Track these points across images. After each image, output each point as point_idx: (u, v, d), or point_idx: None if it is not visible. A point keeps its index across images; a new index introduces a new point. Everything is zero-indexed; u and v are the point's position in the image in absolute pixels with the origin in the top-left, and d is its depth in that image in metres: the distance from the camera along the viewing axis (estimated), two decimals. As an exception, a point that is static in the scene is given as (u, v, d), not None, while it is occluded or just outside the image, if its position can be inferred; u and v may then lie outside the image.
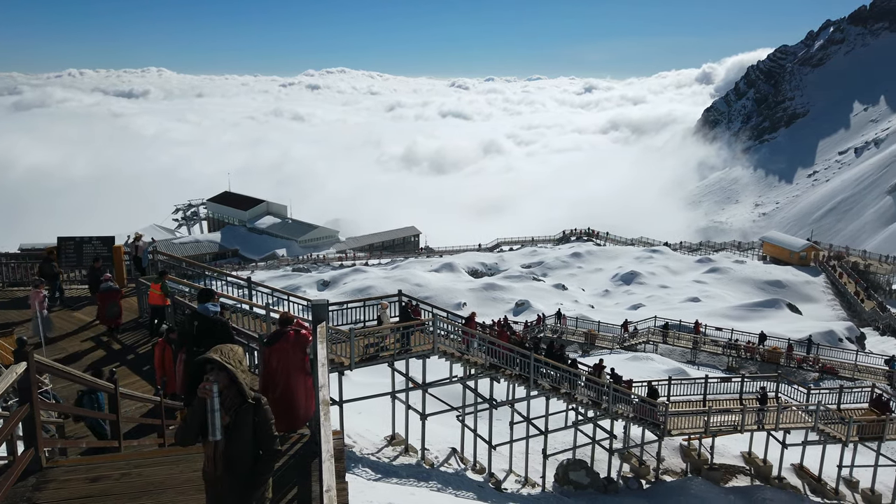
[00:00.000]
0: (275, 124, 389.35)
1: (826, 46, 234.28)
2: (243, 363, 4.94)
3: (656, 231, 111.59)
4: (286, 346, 6.63)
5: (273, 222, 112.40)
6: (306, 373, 6.71)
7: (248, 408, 4.75)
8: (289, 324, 6.99)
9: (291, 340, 6.69)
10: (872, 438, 25.06)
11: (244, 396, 4.76)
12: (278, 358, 6.58)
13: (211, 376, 4.66)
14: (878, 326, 55.80)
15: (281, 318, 7.27)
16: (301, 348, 6.71)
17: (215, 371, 4.69)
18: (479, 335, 21.17)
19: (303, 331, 6.86)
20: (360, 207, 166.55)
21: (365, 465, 18.36)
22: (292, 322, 7.04)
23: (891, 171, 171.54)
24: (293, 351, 6.64)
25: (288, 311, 17.77)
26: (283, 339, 6.69)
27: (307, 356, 6.73)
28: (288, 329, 6.86)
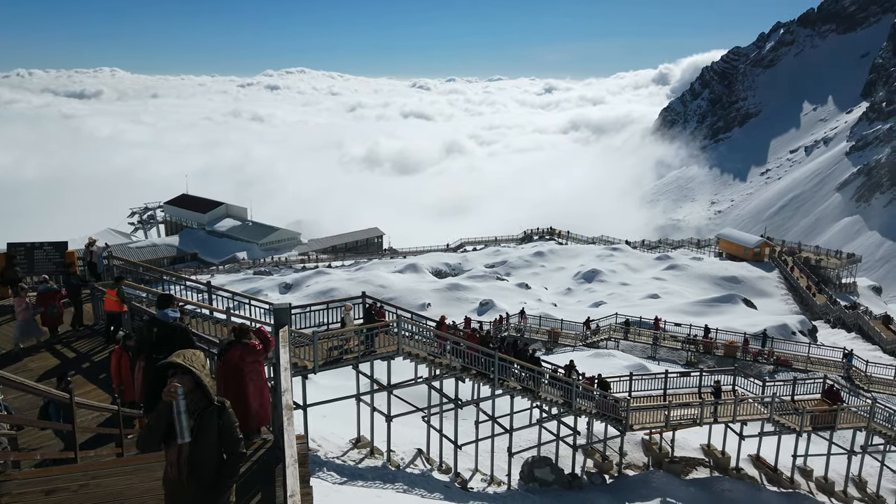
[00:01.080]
0: (234, 125, 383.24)
1: (777, 48, 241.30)
2: (206, 367, 4.88)
3: (616, 229, 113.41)
4: (235, 357, 6.63)
5: (233, 225, 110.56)
6: (258, 380, 6.72)
7: (213, 410, 4.71)
8: (244, 336, 6.98)
9: (240, 351, 6.70)
10: (825, 428, 25.90)
11: (209, 399, 4.72)
12: (229, 368, 6.56)
13: (175, 379, 4.61)
14: (829, 319, 57.72)
15: (235, 330, 7.25)
16: (252, 358, 6.71)
17: (179, 374, 4.65)
18: (451, 338, 21.22)
19: (252, 342, 6.86)
20: (323, 209, 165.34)
21: (330, 468, 18.23)
22: (247, 334, 7.02)
23: (839, 168, 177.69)
24: (243, 360, 6.63)
25: (249, 315, 17.56)
26: (232, 350, 6.69)
27: (261, 364, 6.74)
28: (240, 341, 6.85)
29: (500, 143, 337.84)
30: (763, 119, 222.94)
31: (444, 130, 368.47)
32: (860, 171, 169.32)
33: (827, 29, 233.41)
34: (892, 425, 26.40)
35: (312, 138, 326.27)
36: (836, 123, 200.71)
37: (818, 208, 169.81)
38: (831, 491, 26.32)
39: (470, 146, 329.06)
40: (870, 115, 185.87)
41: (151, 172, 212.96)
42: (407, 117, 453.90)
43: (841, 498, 26.15)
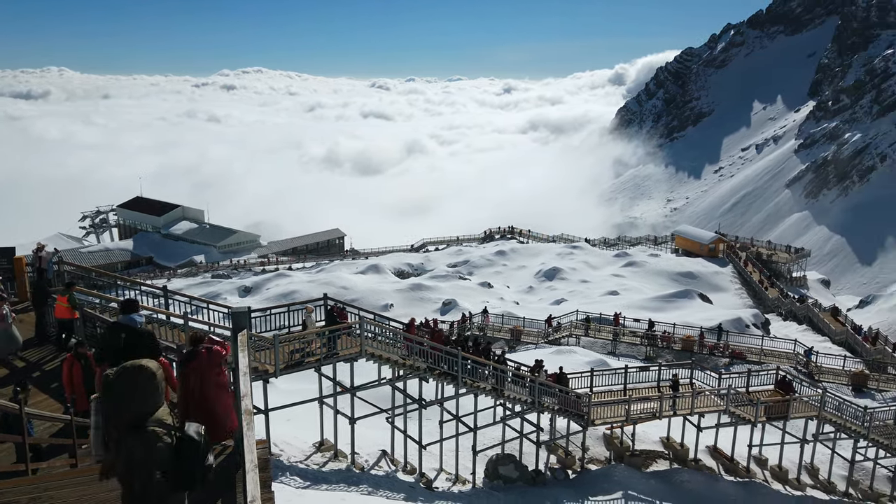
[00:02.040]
0: (189, 126, 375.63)
1: (728, 49, 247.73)
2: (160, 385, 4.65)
3: (576, 228, 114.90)
4: (200, 365, 6.52)
5: (189, 228, 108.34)
6: (224, 387, 6.62)
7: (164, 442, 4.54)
8: (200, 342, 6.86)
9: (205, 359, 6.58)
10: (778, 418, 26.69)
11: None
12: (194, 377, 6.46)
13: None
14: (780, 312, 59.51)
15: (191, 338, 7.13)
16: (215, 364, 6.62)
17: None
18: (415, 338, 21.20)
19: (215, 347, 6.76)
20: (283, 210, 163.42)
21: (293, 473, 18.03)
22: (203, 340, 6.92)
23: (788, 165, 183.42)
24: (208, 368, 6.54)
25: (208, 319, 17.25)
26: (197, 359, 6.58)
27: (223, 370, 6.64)
28: (200, 348, 6.74)
29: (461, 143, 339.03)
30: (716, 118, 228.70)
31: (404, 130, 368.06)
32: (808, 167, 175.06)
33: (775, 30, 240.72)
34: (841, 414, 27.35)
35: (271, 139, 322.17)
36: (784, 122, 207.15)
37: (769, 204, 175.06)
38: (785, 479, 27.15)
39: (431, 146, 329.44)
40: (816, 114, 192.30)
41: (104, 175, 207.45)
42: (367, 117, 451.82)
43: (795, 485, 26.99)
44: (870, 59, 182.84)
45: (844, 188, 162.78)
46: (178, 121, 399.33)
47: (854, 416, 27.35)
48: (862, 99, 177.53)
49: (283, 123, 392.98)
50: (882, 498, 27.62)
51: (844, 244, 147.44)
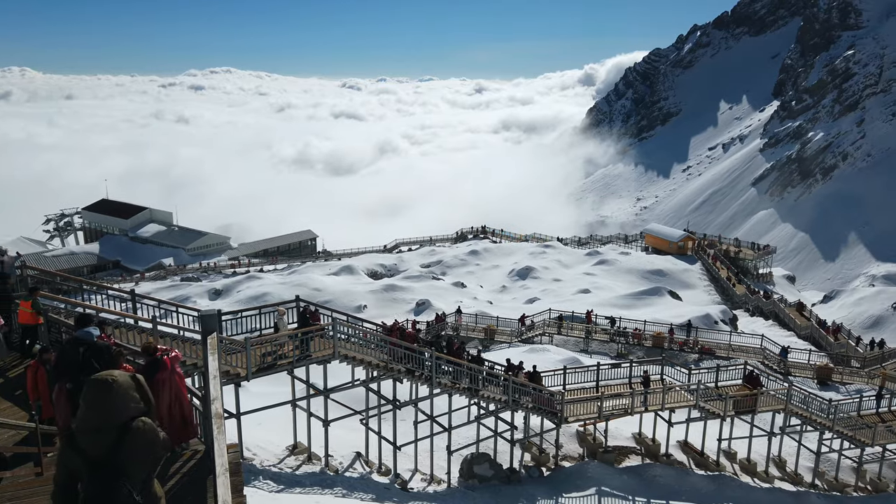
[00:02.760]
0: (157, 127, 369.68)
1: (694, 50, 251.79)
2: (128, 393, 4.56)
3: (548, 227, 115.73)
4: (166, 375, 6.48)
5: (158, 230, 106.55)
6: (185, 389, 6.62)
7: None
8: (156, 350, 6.80)
9: (169, 366, 6.54)
10: (746, 412, 27.21)
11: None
12: (167, 385, 6.41)
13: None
14: (748, 308, 60.67)
15: (145, 348, 7.05)
16: (177, 369, 6.59)
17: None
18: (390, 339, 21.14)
19: (174, 352, 6.73)
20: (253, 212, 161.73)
21: (266, 477, 17.85)
22: (155, 350, 6.84)
23: (754, 164, 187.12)
24: (172, 374, 6.50)
25: (177, 323, 16.98)
26: (162, 369, 6.52)
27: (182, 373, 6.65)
28: (162, 356, 6.68)
29: (433, 144, 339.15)
30: (683, 118, 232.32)
31: (376, 131, 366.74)
32: (773, 166, 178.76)
33: (740, 31, 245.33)
34: (807, 407, 27.99)
35: (241, 140, 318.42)
36: (750, 121, 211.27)
37: (736, 203, 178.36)
38: (754, 471, 27.69)
39: (403, 146, 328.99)
40: (780, 114, 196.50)
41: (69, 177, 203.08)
42: (338, 118, 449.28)
43: (763, 477, 27.54)
44: (831, 59, 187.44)
45: (808, 186, 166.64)
46: (145, 122, 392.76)
47: (819, 408, 28.00)
48: (824, 99, 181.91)
49: (253, 124, 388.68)
50: (847, 488, 28.33)
51: (808, 241, 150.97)
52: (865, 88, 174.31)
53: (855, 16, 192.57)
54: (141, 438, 4.31)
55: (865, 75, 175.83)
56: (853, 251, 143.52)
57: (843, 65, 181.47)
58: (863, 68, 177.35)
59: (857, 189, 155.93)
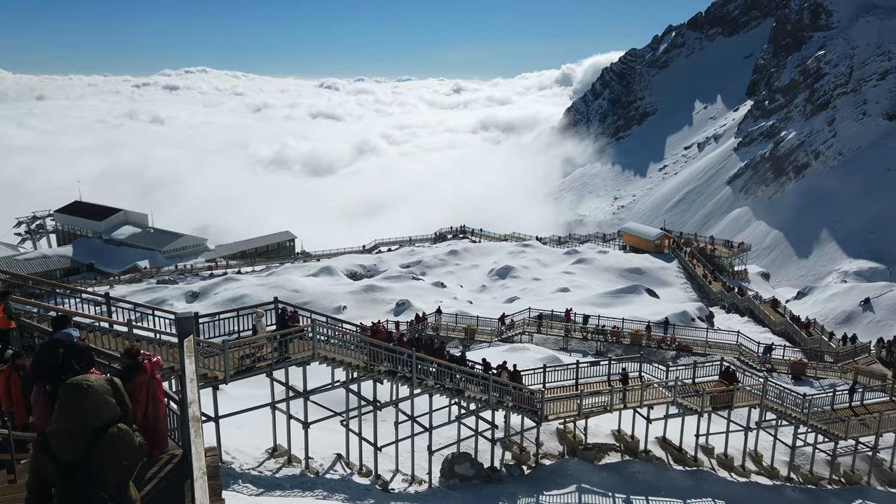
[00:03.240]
0: (131, 128, 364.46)
1: (669, 50, 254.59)
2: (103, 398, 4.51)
3: (526, 226, 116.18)
4: (145, 379, 6.41)
5: (133, 232, 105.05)
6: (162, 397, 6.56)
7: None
8: (138, 355, 6.72)
9: (149, 371, 6.48)
10: (723, 407, 27.57)
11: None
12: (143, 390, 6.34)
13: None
14: (724, 305, 61.47)
15: (127, 352, 6.97)
16: (156, 375, 6.54)
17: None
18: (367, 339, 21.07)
19: (155, 358, 6.67)
20: (230, 213, 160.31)
21: (246, 480, 17.70)
22: (140, 353, 6.78)
23: (729, 163, 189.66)
24: (151, 379, 6.44)
25: (153, 326, 16.78)
26: (142, 373, 6.45)
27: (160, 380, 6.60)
28: (143, 360, 6.61)
29: (412, 144, 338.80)
30: (659, 117, 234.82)
31: (354, 131, 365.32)
32: (747, 165, 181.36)
33: (714, 32, 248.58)
34: (782, 402, 28.43)
35: (217, 140, 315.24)
36: (724, 121, 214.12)
37: (711, 201, 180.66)
38: (731, 466, 28.07)
39: (382, 146, 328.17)
40: (754, 113, 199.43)
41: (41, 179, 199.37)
42: (316, 118, 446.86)
43: (740, 472, 27.93)
44: (803, 59, 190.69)
45: (781, 184, 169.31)
46: (119, 122, 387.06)
47: (794, 403, 28.45)
48: (796, 98, 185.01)
49: (229, 124, 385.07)
50: (821, 481, 28.83)
51: (782, 238, 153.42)
52: (836, 88, 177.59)
53: (826, 17, 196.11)
54: (116, 443, 4.27)
55: (836, 75, 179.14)
56: (825, 248, 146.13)
57: (814, 65, 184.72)
58: (833, 68, 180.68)
59: (828, 187, 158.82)
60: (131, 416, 4.73)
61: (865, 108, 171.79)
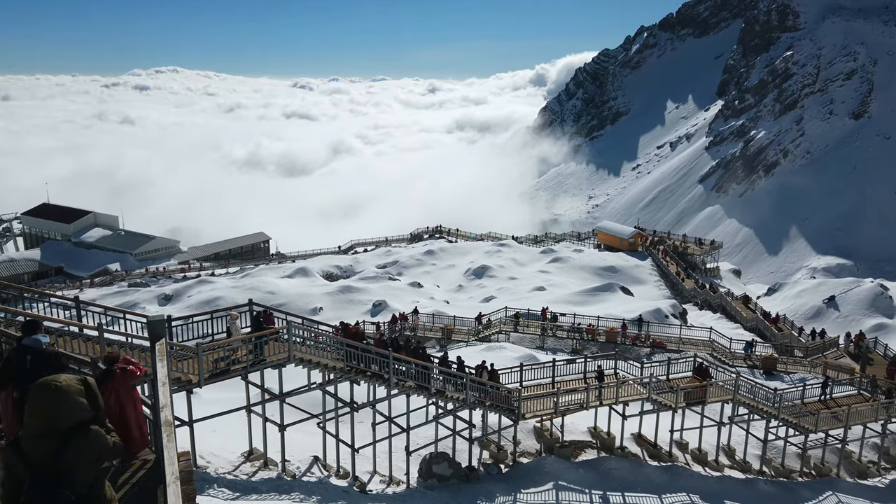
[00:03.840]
0: (100, 128, 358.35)
1: (641, 50, 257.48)
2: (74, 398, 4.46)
3: (502, 225, 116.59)
4: (116, 385, 6.34)
5: (103, 235, 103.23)
6: (136, 403, 6.48)
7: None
8: (115, 362, 6.64)
9: (120, 378, 6.40)
10: (697, 403, 27.95)
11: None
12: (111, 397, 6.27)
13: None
14: (696, 302, 62.36)
15: (106, 357, 6.89)
16: (129, 384, 6.46)
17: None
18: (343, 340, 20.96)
19: (130, 367, 6.58)
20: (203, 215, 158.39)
21: (221, 484, 17.49)
22: (118, 360, 6.70)
23: (700, 162, 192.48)
24: (122, 387, 6.37)
25: (125, 330, 16.51)
26: (112, 380, 6.39)
27: (136, 388, 6.50)
28: (115, 368, 6.53)
29: (387, 144, 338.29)
30: (632, 117, 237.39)
31: (329, 131, 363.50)
32: (718, 164, 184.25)
33: (685, 33, 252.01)
34: (754, 396, 28.92)
35: (189, 141, 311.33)
36: (695, 120, 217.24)
37: (683, 200, 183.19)
38: (705, 461, 28.48)
39: (357, 146, 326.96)
40: (724, 113, 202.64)
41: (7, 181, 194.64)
42: (290, 118, 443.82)
43: (714, 466, 28.36)
44: (772, 60, 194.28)
45: (752, 183, 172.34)
46: (88, 123, 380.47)
47: (766, 398, 28.96)
48: (765, 98, 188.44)
49: (202, 124, 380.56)
50: (793, 474, 29.40)
51: (753, 236, 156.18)
52: (804, 88, 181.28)
53: (793, 18, 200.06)
54: (87, 444, 4.25)
55: (803, 75, 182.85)
56: (795, 245, 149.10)
57: (782, 65, 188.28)
58: (801, 68, 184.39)
59: (797, 185, 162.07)
60: (104, 415, 4.69)
61: (832, 107, 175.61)
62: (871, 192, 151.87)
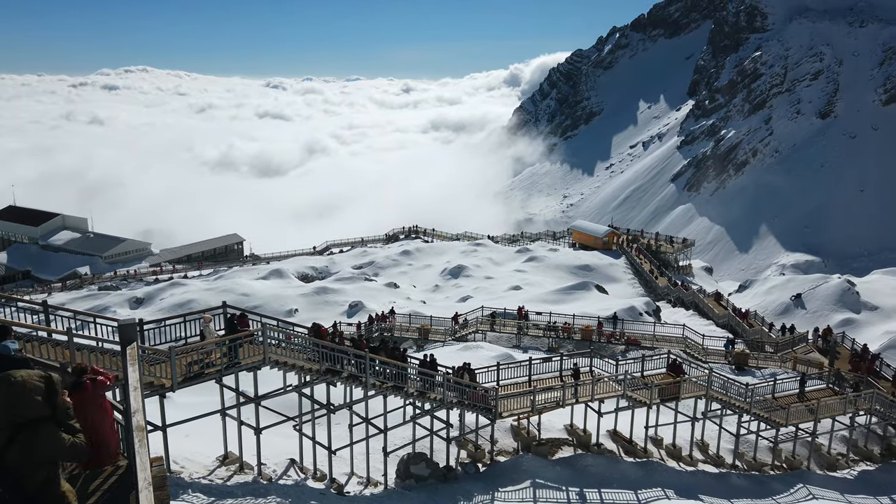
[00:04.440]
0: (68, 129, 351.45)
1: (614, 51, 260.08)
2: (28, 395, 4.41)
3: (477, 225, 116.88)
4: (85, 397, 6.26)
5: (71, 237, 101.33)
6: (107, 411, 6.40)
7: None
8: (84, 373, 6.56)
9: (90, 390, 6.33)
10: (671, 399, 28.28)
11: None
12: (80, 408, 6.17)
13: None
14: (670, 300, 63.13)
15: (75, 369, 6.80)
16: (100, 395, 6.39)
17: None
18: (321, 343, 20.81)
19: (99, 378, 6.50)
20: (175, 216, 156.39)
21: (196, 489, 17.27)
22: (87, 371, 6.62)
23: (672, 161, 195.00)
24: (93, 397, 6.29)
25: (95, 334, 16.21)
26: (82, 390, 6.31)
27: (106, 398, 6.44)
28: (84, 379, 6.45)
29: (362, 144, 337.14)
30: (605, 117, 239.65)
31: (303, 131, 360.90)
32: (690, 163, 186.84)
33: (656, 33, 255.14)
34: (726, 392, 29.36)
35: (160, 141, 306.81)
36: (667, 120, 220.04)
37: (656, 198, 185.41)
38: (679, 456, 28.85)
39: (332, 146, 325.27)
40: (695, 112, 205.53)
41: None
42: (263, 118, 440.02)
43: (688, 461, 28.73)
44: (740, 60, 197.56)
45: (722, 181, 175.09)
46: (56, 123, 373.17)
47: (737, 393, 29.41)
48: (735, 98, 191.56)
49: (173, 125, 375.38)
50: (764, 467, 29.92)
51: (724, 233, 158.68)
52: (772, 88, 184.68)
53: (761, 19, 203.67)
54: (36, 442, 4.20)
55: (772, 75, 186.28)
56: (765, 243, 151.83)
57: (751, 66, 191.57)
58: (769, 69, 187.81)
59: (767, 184, 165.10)
60: (62, 415, 4.64)
61: (799, 107, 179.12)
62: (838, 190, 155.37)
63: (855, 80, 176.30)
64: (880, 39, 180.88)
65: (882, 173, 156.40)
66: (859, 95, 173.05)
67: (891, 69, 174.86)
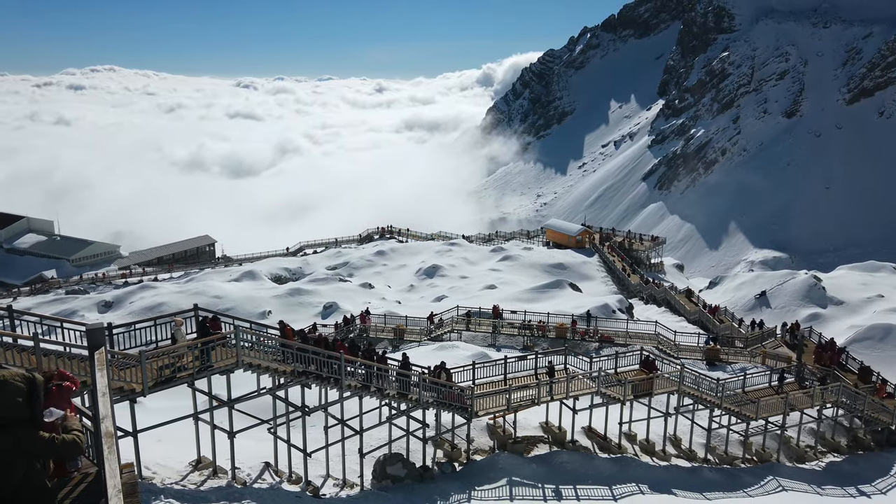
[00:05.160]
0: (33, 130, 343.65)
1: (585, 51, 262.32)
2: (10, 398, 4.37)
3: (451, 224, 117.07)
4: (52, 403, 6.15)
5: (37, 241, 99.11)
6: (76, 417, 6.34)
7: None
8: (50, 380, 6.44)
9: (56, 396, 6.22)
10: (644, 395, 28.62)
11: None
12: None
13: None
14: (642, 297, 63.91)
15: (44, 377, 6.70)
16: (66, 400, 6.29)
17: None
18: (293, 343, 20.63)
19: (65, 383, 6.39)
20: (144, 218, 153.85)
21: (168, 495, 17.00)
22: (53, 377, 6.51)
23: (643, 160, 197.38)
24: (60, 404, 6.19)
25: (63, 339, 15.89)
26: (48, 397, 6.19)
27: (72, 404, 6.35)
28: (51, 386, 6.33)
29: (335, 144, 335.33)
30: (577, 117, 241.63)
31: (275, 131, 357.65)
32: (660, 162, 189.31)
33: (626, 34, 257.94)
34: (698, 387, 29.81)
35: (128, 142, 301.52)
36: (638, 119, 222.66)
37: (628, 197, 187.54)
38: (653, 451, 29.20)
39: (305, 146, 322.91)
40: (665, 112, 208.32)
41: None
42: (234, 118, 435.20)
43: (661, 456, 29.10)
44: (709, 60, 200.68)
45: (692, 180, 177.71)
46: (19, 124, 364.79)
47: (709, 388, 29.87)
48: (704, 98, 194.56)
49: (141, 125, 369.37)
50: (736, 460, 30.44)
51: (694, 231, 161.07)
52: (739, 88, 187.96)
53: (729, 19, 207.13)
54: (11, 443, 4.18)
55: (739, 75, 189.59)
56: (734, 240, 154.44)
57: (719, 66, 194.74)
58: (737, 69, 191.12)
59: (735, 182, 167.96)
60: (39, 416, 4.62)
61: (766, 106, 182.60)
62: (804, 188, 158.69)
63: (819, 79, 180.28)
64: (843, 40, 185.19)
65: (847, 171, 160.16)
66: (824, 95, 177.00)
67: (853, 69, 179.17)
